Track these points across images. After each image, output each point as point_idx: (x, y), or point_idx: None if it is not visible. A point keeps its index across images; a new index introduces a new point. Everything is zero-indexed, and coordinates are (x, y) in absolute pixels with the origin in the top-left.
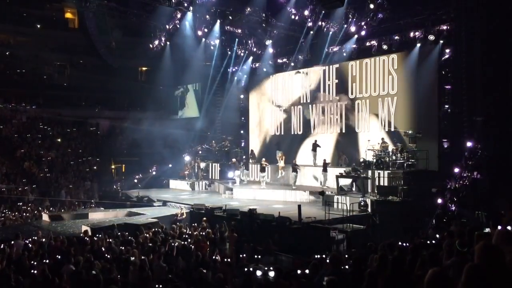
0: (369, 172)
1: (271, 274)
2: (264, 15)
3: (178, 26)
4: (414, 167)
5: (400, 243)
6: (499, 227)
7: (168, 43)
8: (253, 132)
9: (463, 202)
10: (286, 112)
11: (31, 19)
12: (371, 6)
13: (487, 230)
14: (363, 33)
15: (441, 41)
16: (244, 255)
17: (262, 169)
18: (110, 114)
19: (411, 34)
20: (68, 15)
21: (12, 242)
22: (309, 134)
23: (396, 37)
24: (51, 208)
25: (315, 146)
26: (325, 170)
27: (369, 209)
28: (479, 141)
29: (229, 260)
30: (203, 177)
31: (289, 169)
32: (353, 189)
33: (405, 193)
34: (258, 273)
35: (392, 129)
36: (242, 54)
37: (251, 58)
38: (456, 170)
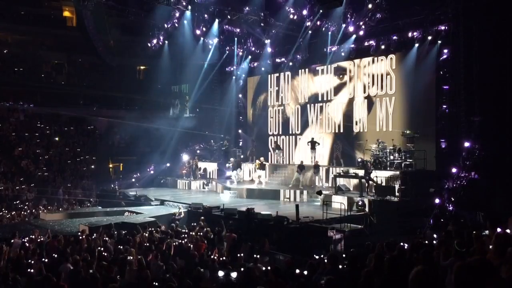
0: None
1: (233, 275)
2: (262, 14)
3: (176, 25)
4: (411, 167)
5: (398, 243)
6: (498, 230)
7: (166, 42)
8: (250, 131)
9: (461, 202)
10: (284, 111)
11: (29, 17)
12: (370, 6)
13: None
14: (361, 33)
15: (439, 41)
16: (242, 254)
17: (261, 167)
18: (108, 113)
19: (409, 34)
20: (66, 13)
21: (12, 241)
22: (307, 134)
23: (394, 37)
24: (48, 207)
25: (313, 143)
26: (317, 170)
27: (366, 209)
28: (477, 141)
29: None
30: (200, 176)
31: (283, 171)
32: (351, 188)
33: (402, 193)
34: (220, 273)
35: (390, 129)
36: (240, 53)
37: (249, 57)
38: (454, 170)
